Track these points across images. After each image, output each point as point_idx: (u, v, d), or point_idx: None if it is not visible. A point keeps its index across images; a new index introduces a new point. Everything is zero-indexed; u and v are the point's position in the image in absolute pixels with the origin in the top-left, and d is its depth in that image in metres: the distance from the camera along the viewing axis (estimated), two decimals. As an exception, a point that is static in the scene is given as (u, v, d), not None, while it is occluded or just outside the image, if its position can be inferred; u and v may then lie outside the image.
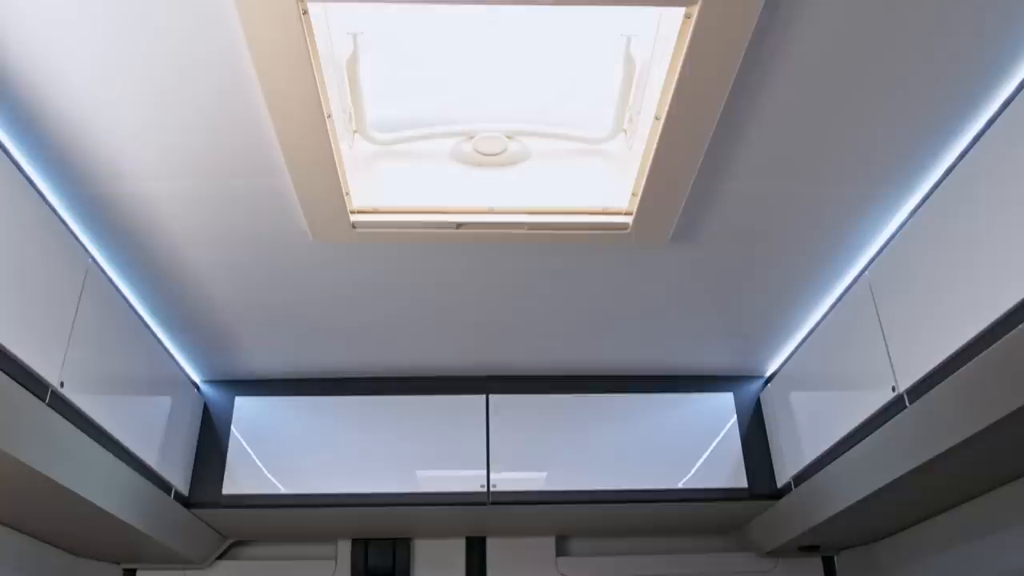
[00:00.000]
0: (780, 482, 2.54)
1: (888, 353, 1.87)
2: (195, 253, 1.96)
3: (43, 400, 1.68)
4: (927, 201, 1.74)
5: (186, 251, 1.95)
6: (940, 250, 1.68)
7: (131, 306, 2.14)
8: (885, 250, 1.92)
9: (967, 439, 1.63)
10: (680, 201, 1.76)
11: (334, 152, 1.59)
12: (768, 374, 2.71)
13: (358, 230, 1.82)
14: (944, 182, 1.67)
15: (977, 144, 1.56)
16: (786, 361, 2.55)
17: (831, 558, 2.92)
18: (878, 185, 1.76)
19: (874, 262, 1.96)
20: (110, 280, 2.01)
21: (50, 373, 1.70)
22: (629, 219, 1.83)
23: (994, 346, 1.47)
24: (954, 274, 1.62)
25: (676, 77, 1.41)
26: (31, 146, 1.58)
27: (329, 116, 1.51)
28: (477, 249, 1.98)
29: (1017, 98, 1.44)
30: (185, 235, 1.89)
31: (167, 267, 2.01)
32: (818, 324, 2.29)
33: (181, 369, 2.52)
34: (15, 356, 1.57)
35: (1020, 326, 1.40)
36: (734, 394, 2.71)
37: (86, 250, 1.87)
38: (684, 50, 1.35)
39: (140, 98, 1.49)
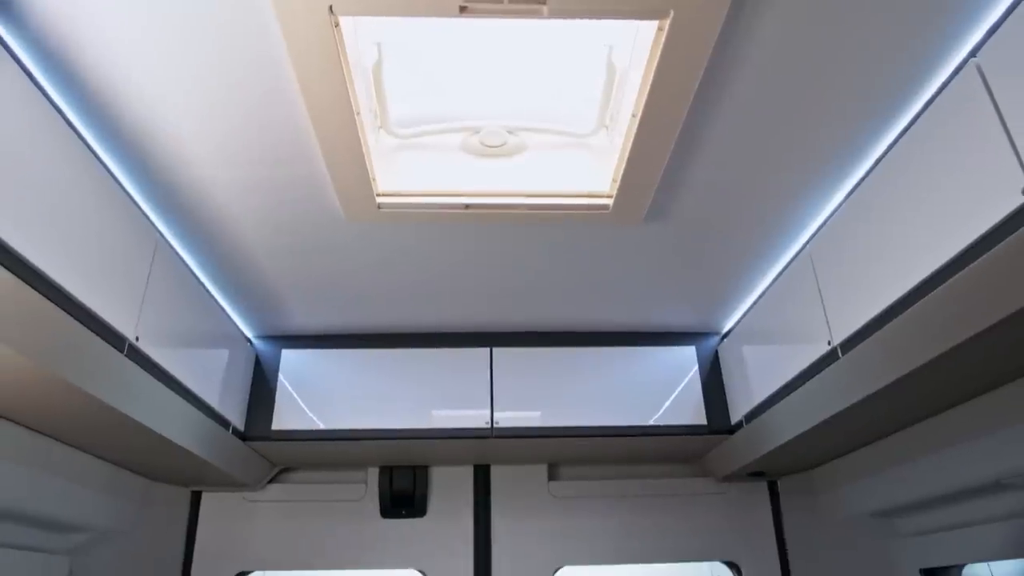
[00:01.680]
0: (733, 420, 2.57)
1: (825, 313, 1.88)
2: (247, 230, 1.96)
3: (121, 352, 1.69)
4: (857, 188, 1.74)
5: (239, 229, 1.95)
6: (868, 229, 1.69)
7: (194, 274, 2.15)
8: (823, 228, 1.92)
9: (888, 385, 1.64)
10: (653, 186, 1.76)
11: (362, 144, 1.58)
12: (725, 330, 2.72)
13: (383, 210, 1.82)
14: (872, 172, 1.68)
15: (900, 140, 1.57)
16: (740, 320, 2.56)
17: (774, 482, 2.95)
18: (818, 173, 1.76)
19: (814, 238, 1.97)
20: (176, 252, 2.01)
21: (127, 329, 1.71)
22: (610, 201, 1.83)
23: (912, 308, 1.49)
24: (880, 249, 1.64)
25: (650, 80, 1.41)
26: (107, 139, 1.58)
27: (358, 114, 1.50)
28: (482, 226, 1.98)
29: (935, 102, 1.45)
30: (237, 215, 1.89)
31: (223, 242, 2.01)
32: (767, 289, 2.30)
33: (236, 327, 2.54)
34: (98, 315, 1.59)
35: (933, 292, 1.42)
36: (696, 347, 2.72)
37: (155, 227, 1.87)
38: (657, 57, 1.35)
39: (198, 99, 1.49)
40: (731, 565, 2.89)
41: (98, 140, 1.58)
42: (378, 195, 1.79)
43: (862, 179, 1.72)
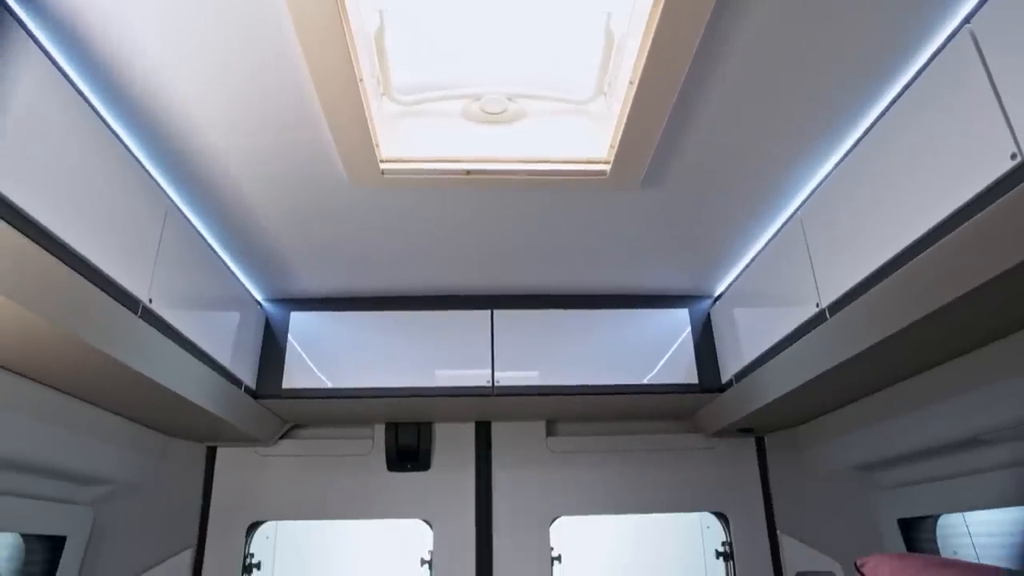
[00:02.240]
0: (724, 379, 2.59)
1: (814, 276, 1.88)
2: (254, 195, 1.94)
3: (135, 313, 1.69)
4: (849, 154, 1.72)
5: (246, 194, 1.93)
6: (858, 195, 1.68)
7: (204, 239, 2.13)
8: (814, 193, 1.90)
9: (873, 345, 1.65)
10: (650, 152, 1.73)
11: (365, 111, 1.56)
12: (717, 294, 2.71)
13: (386, 176, 1.80)
14: (864, 139, 1.66)
15: (893, 107, 1.55)
16: (732, 283, 2.55)
17: (762, 438, 2.98)
18: (811, 139, 1.73)
19: (805, 203, 1.95)
20: (186, 217, 2.00)
21: (140, 292, 1.71)
22: (607, 167, 1.81)
23: (899, 271, 1.48)
24: (869, 214, 1.63)
25: (648, 47, 1.38)
26: (117, 107, 1.56)
27: (361, 80, 1.47)
28: (483, 192, 1.96)
29: (928, 68, 1.43)
30: (245, 180, 1.87)
31: (232, 206, 1.99)
32: (759, 253, 2.29)
33: (246, 290, 2.53)
34: (112, 278, 1.59)
35: (919, 256, 1.41)
36: (689, 310, 2.72)
37: (165, 193, 1.85)
38: (655, 24, 1.32)
39: (202, 65, 1.46)
40: (719, 516, 2.94)
41: (108, 108, 1.56)
42: (381, 161, 1.77)
43: (854, 145, 1.70)
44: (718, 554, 2.95)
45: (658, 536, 3.49)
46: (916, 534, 2.26)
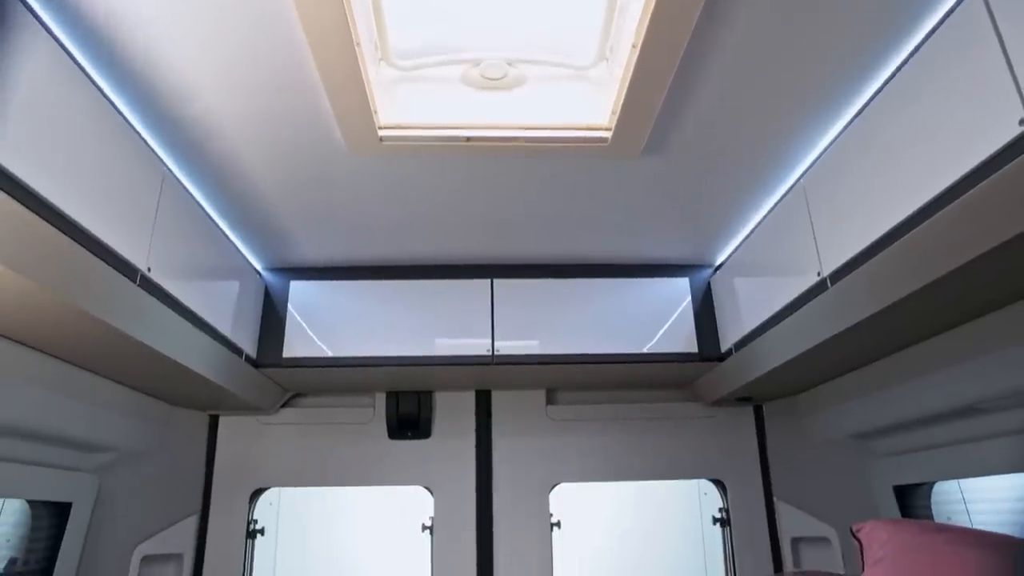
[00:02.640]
0: (723, 348, 2.59)
1: (816, 245, 1.87)
2: (250, 162, 1.92)
3: (134, 282, 1.68)
4: (854, 121, 1.70)
5: (243, 161, 1.91)
6: (862, 163, 1.66)
7: (201, 207, 2.12)
8: (818, 161, 1.88)
9: (873, 314, 1.65)
10: (652, 118, 1.71)
11: (363, 75, 1.53)
12: (717, 263, 2.70)
13: (385, 143, 1.78)
14: (869, 106, 1.64)
15: (899, 73, 1.53)
16: (733, 252, 2.54)
17: (760, 406, 3.00)
18: (815, 106, 1.71)
19: (809, 171, 1.93)
20: (182, 185, 1.98)
21: (139, 260, 1.70)
22: (608, 134, 1.78)
23: (901, 240, 1.48)
24: (873, 183, 1.61)
25: (651, 9, 1.35)
26: (111, 73, 1.53)
27: (358, 44, 1.44)
28: (483, 159, 1.94)
29: (937, 33, 1.40)
30: (241, 146, 1.84)
31: (228, 174, 1.97)
32: (760, 222, 2.28)
33: (245, 259, 2.52)
34: (110, 247, 1.58)
35: (921, 225, 1.40)
36: (689, 279, 2.71)
37: (161, 160, 1.83)
38: (658, -15, 1.29)
39: (196, 29, 1.43)
40: (717, 483, 2.97)
41: (100, 73, 1.53)
42: (380, 128, 1.74)
43: (859, 112, 1.68)
44: (715, 520, 2.99)
45: (656, 503, 3.54)
46: (911, 501, 2.29)
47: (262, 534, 2.91)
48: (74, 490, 2.13)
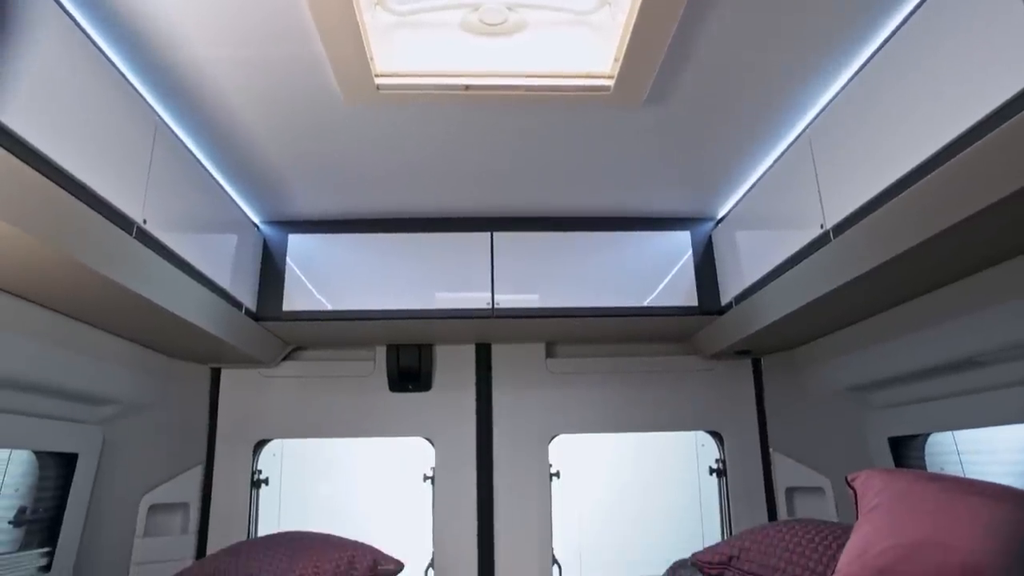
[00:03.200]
0: (724, 301, 2.59)
1: (820, 197, 1.85)
2: (244, 111, 1.87)
3: (130, 234, 1.67)
4: (861, 71, 1.67)
5: (236, 109, 1.86)
6: (869, 113, 1.63)
7: (196, 158, 2.08)
8: (823, 112, 1.84)
9: (876, 267, 1.64)
10: (655, 66, 1.66)
11: (358, 20, 1.48)
12: (719, 216, 2.68)
13: (382, 91, 1.74)
14: (877, 55, 1.60)
15: (908, 22, 1.49)
16: (735, 205, 2.52)
17: (759, 360, 3.02)
18: (823, 54, 1.66)
19: (814, 122, 1.89)
20: (176, 136, 1.94)
21: (134, 213, 1.68)
22: (611, 82, 1.74)
23: (906, 192, 1.46)
24: (879, 134, 1.59)
25: (656, -51, 1.30)
26: (98, 16, 1.48)
27: (353, -14, 1.39)
28: (482, 108, 1.90)
29: None
30: (233, 95, 1.80)
31: (223, 123, 1.93)
32: (764, 174, 2.25)
33: (243, 212, 2.50)
34: (104, 198, 1.56)
35: (927, 177, 1.39)
36: (690, 232, 2.70)
37: (153, 109, 1.79)
38: (665, -77, 1.24)
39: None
40: (714, 435, 3.02)
41: (89, 19, 1.48)
42: (376, 76, 1.70)
43: (866, 62, 1.64)
44: (711, 471, 3.04)
45: (654, 454, 3.60)
46: (905, 452, 2.33)
47: (266, 484, 2.96)
48: (79, 442, 2.16)
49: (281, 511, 3.18)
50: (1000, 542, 1.03)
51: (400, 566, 2.22)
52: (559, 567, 2.85)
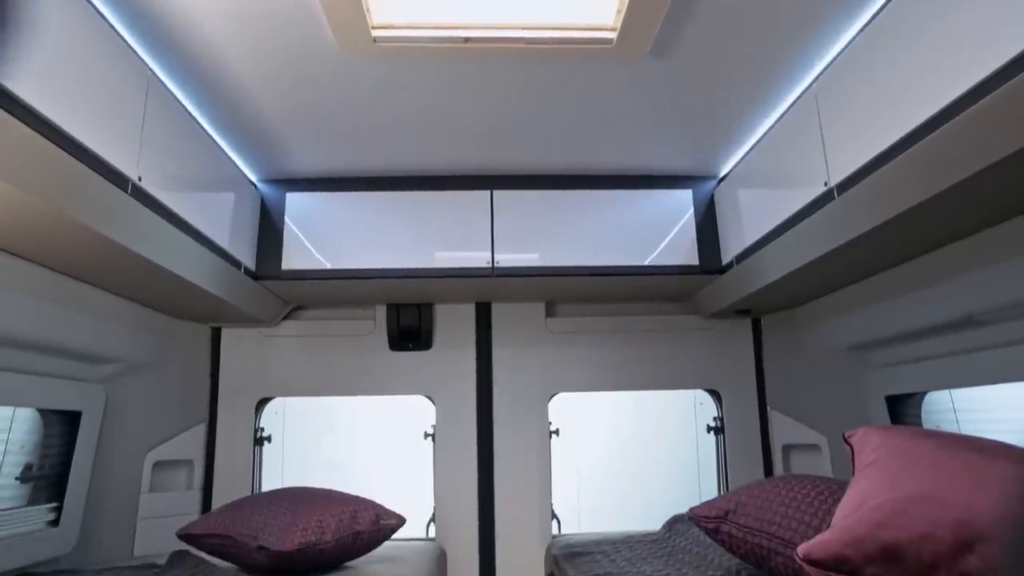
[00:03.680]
0: (724, 260, 2.58)
1: (825, 154, 1.82)
2: (237, 64, 1.83)
3: (125, 191, 1.65)
4: (869, 25, 1.62)
5: (229, 63, 1.82)
6: (876, 68, 1.59)
7: (191, 115, 2.05)
8: (831, 66, 1.80)
9: (879, 225, 1.63)
10: (658, 18, 1.62)
11: (354, -31, 1.44)
12: (722, 174, 2.65)
13: (379, 43, 1.70)
14: (885, 8, 1.55)
15: None
16: (738, 163, 2.49)
17: (758, 319, 3.03)
18: (830, 6, 1.61)
19: (820, 76, 1.85)
20: (169, 91, 1.90)
21: (129, 169, 1.66)
22: (613, 35, 1.70)
23: (911, 149, 1.44)
24: (886, 90, 1.55)
25: None
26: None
27: (347, -68, 1.34)
28: (482, 61, 1.85)
29: None
30: (225, 47, 1.75)
31: (215, 79, 1.89)
32: (768, 131, 2.21)
33: (239, 170, 2.46)
34: (97, 154, 1.53)
35: (933, 134, 1.37)
36: (692, 191, 2.67)
37: (144, 63, 1.75)
38: None
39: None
40: (713, 393, 3.04)
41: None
42: (373, 28, 1.66)
43: (875, 14, 1.59)
44: (709, 428, 3.08)
45: (653, 412, 3.63)
46: (902, 410, 2.35)
47: (269, 441, 3.00)
48: (82, 400, 2.17)
49: (284, 468, 3.23)
50: (994, 497, 1.04)
51: (402, 520, 2.26)
52: (558, 521, 2.91)
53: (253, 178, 2.59)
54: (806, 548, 1.12)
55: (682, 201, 2.65)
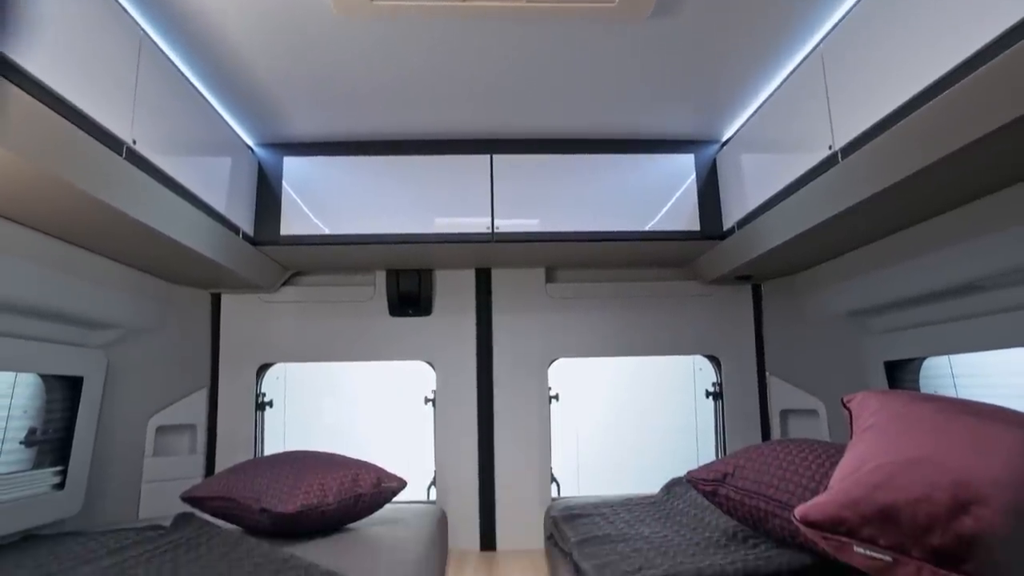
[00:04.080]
0: (726, 226, 2.56)
1: (830, 117, 1.79)
2: (233, 25, 1.79)
3: (120, 155, 1.63)
4: None
5: (224, 23, 1.78)
6: (885, 28, 1.56)
7: (185, 77, 2.01)
8: (838, 26, 1.76)
9: (884, 189, 1.61)
10: (663, -25, 1.58)
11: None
12: (724, 138, 2.61)
13: (376, 3, 1.65)
14: None
15: None
16: (741, 127, 2.45)
17: (758, 285, 3.03)
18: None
19: (828, 36, 1.81)
20: (162, 52, 1.86)
21: (123, 132, 1.64)
22: (616, -7, 1.66)
23: (917, 112, 1.42)
24: (894, 50, 1.52)
25: None
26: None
27: None
28: (481, 21, 1.81)
29: None
30: (221, 7, 1.71)
31: (210, 39, 1.85)
32: (772, 93, 2.17)
33: (235, 134, 2.43)
34: (91, 117, 1.51)
35: (940, 96, 1.34)
36: (694, 155, 2.64)
37: (136, 23, 1.71)
38: None
39: None
40: (712, 359, 3.05)
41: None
42: (370, -14, 1.62)
43: None
44: (708, 394, 3.10)
45: (652, 377, 3.66)
46: (900, 375, 2.36)
47: (270, 406, 3.02)
48: (83, 365, 2.18)
49: (286, 433, 3.26)
50: (992, 461, 1.05)
51: (403, 483, 2.29)
52: (557, 485, 2.95)
53: (250, 142, 2.56)
54: (803, 510, 1.13)
55: (684, 166, 2.62)
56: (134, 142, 1.68)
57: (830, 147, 1.78)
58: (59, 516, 2.10)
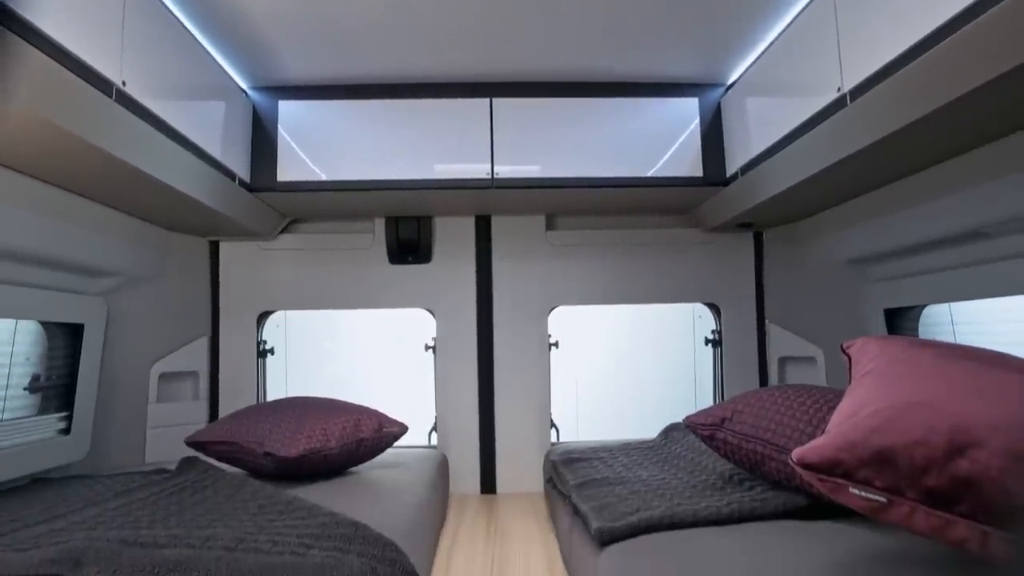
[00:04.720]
0: (729, 172, 2.52)
1: (839, 58, 1.74)
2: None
3: (110, 96, 1.58)
4: None
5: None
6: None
7: (174, 16, 1.94)
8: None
9: (892, 133, 1.58)
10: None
11: None
12: (730, 82, 2.54)
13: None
14: None
15: None
16: (747, 69, 2.38)
17: (760, 233, 3.00)
18: None
19: (841, -29, 1.74)
20: None
21: (112, 73, 1.59)
22: (621, -75, 1.58)
23: (928, 53, 1.37)
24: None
25: None
26: None
27: None
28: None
29: None
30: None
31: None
32: (781, 33, 2.10)
33: (229, 76, 2.36)
34: (78, 56, 1.46)
35: (952, 36, 1.29)
36: (698, 99, 2.57)
37: (122, -44, 1.64)
38: None
39: None
40: (711, 306, 3.06)
41: None
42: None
43: None
44: (707, 341, 3.11)
45: (651, 325, 3.67)
46: (900, 323, 2.36)
47: (272, 354, 3.04)
48: (84, 312, 2.18)
49: (288, 380, 3.29)
50: (991, 405, 1.05)
51: (404, 428, 2.32)
52: (557, 430, 2.99)
53: (244, 85, 2.49)
54: (800, 452, 1.14)
55: (688, 110, 2.56)
56: (124, 84, 1.63)
57: (839, 89, 1.73)
58: (66, 460, 2.13)
